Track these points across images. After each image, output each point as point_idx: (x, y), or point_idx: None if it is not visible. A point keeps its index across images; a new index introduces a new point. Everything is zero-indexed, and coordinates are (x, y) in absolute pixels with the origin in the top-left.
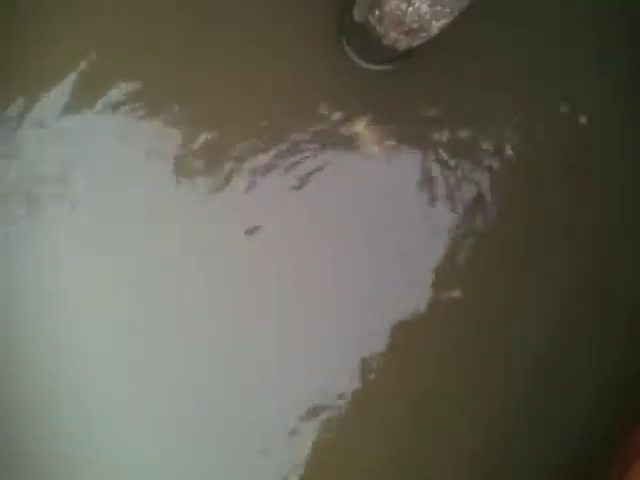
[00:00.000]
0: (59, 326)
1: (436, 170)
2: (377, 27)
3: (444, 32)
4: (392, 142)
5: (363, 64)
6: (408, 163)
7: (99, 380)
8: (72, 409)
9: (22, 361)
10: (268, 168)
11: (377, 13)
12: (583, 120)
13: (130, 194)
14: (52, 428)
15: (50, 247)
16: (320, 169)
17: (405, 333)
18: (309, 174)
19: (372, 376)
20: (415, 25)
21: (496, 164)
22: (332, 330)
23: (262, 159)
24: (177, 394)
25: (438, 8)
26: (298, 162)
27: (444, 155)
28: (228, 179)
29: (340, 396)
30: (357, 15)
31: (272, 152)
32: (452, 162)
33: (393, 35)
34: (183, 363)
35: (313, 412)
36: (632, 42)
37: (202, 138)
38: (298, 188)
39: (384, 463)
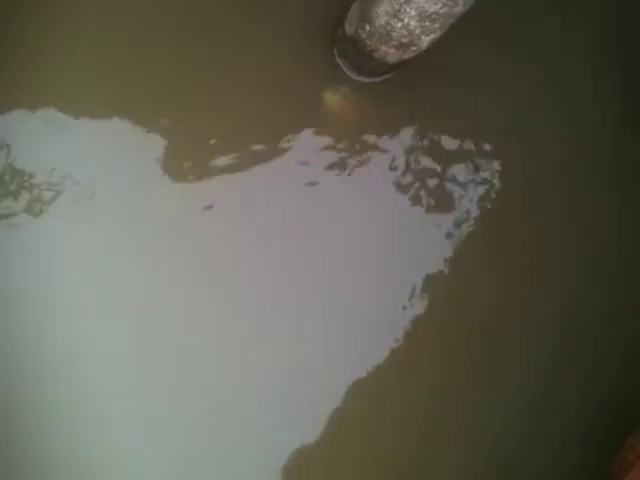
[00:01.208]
0: (60, 327)
1: (428, 175)
2: (367, 41)
3: (436, 45)
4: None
5: (355, 76)
6: (399, 168)
7: (100, 380)
8: (73, 409)
9: (24, 362)
10: (261, 175)
11: (367, 28)
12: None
13: (129, 196)
14: (54, 428)
15: (50, 247)
16: (313, 174)
17: (404, 340)
18: (301, 181)
19: (371, 383)
20: (405, 40)
21: (489, 173)
22: (331, 334)
23: (257, 165)
24: (178, 394)
25: (427, 23)
26: (290, 169)
27: (435, 162)
28: (220, 186)
29: (337, 402)
30: (348, 28)
31: (265, 158)
32: (443, 170)
33: (383, 49)
34: (185, 364)
35: (312, 413)
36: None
37: (202, 140)
38: (291, 195)
39: (386, 471)
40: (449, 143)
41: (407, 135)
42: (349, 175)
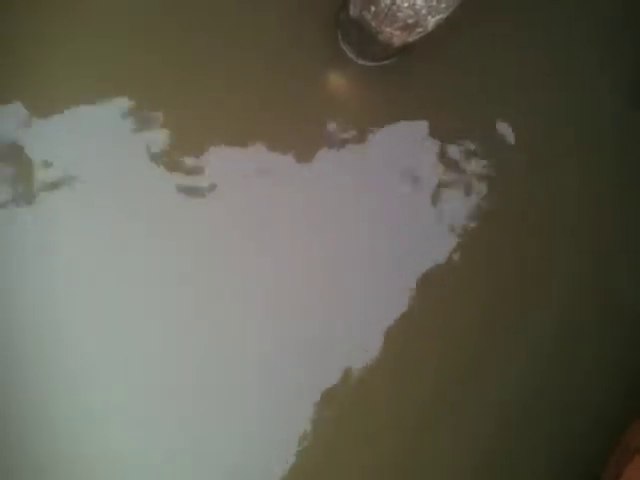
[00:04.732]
0: (59, 325)
1: (431, 163)
2: (373, 23)
3: (441, 28)
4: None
5: (359, 60)
6: (403, 155)
7: (99, 379)
8: (73, 408)
9: (22, 360)
10: (264, 163)
11: (373, 9)
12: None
13: (129, 194)
14: (52, 427)
15: (49, 245)
16: (316, 160)
17: (400, 338)
18: (304, 167)
19: (367, 382)
20: (411, 20)
21: (491, 162)
22: (327, 330)
23: (259, 154)
24: (177, 393)
25: (433, 3)
26: (293, 156)
27: (439, 149)
28: (220, 179)
29: (335, 400)
30: (353, 11)
31: (267, 146)
32: (447, 156)
33: (389, 31)
34: (184, 362)
35: (311, 412)
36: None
37: (203, 129)
38: (296, 182)
39: (382, 470)
40: (452, 130)
41: (411, 120)
42: (352, 160)
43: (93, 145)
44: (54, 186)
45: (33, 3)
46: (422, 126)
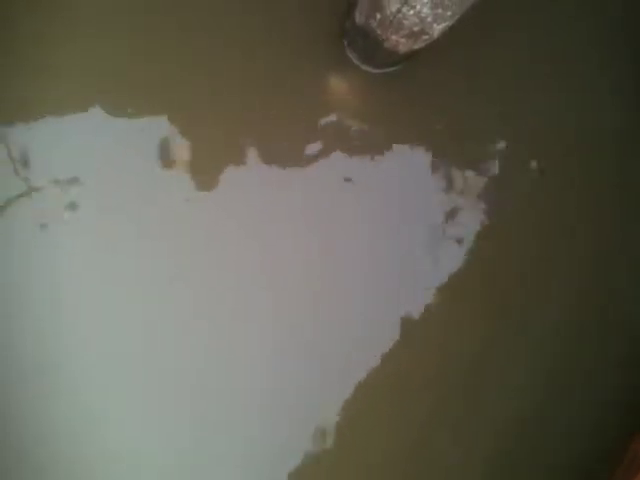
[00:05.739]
0: (60, 325)
1: (436, 171)
2: (378, 30)
3: (447, 35)
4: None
5: (365, 67)
6: (408, 164)
7: (100, 379)
8: (73, 408)
9: (22, 360)
10: (264, 165)
11: (378, 16)
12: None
13: (131, 194)
14: (52, 427)
15: (50, 245)
16: (322, 166)
17: (400, 338)
18: (305, 168)
19: (367, 384)
20: (416, 28)
21: (495, 169)
22: (330, 331)
23: (260, 155)
24: (177, 394)
25: (439, 11)
26: (294, 157)
27: (444, 157)
28: (221, 180)
29: (335, 402)
30: (358, 18)
31: (270, 153)
32: (451, 164)
33: (394, 38)
34: (184, 363)
35: (312, 414)
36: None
37: (204, 136)
38: (296, 183)
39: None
40: (456, 134)
41: (414, 126)
42: (353, 163)
43: (93, 145)
44: (54, 186)
45: (33, 3)
46: (425, 131)
